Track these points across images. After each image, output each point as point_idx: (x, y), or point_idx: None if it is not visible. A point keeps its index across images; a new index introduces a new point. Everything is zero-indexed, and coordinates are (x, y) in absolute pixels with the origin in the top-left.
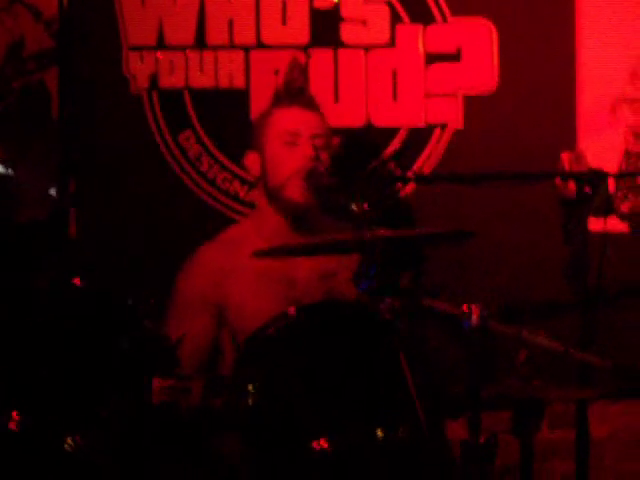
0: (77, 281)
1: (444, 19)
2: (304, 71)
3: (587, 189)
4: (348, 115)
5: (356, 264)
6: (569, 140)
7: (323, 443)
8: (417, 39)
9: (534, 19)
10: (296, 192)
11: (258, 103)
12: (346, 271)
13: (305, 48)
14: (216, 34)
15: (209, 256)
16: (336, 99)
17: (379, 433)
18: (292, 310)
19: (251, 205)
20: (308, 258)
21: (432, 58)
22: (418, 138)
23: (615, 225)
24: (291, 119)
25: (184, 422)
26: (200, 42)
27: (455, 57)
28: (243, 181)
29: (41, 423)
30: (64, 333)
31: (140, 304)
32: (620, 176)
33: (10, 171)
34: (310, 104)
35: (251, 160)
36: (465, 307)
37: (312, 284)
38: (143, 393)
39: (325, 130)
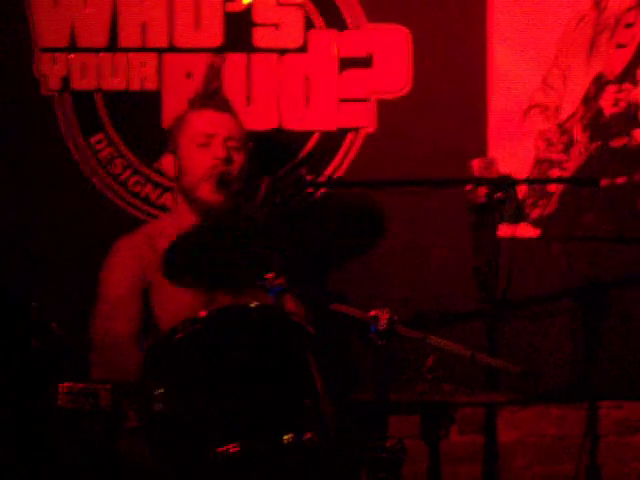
0: None
1: (358, 25)
2: (219, 74)
3: (497, 195)
4: (260, 118)
5: None
6: (480, 146)
7: (231, 447)
8: (331, 44)
9: (448, 26)
10: (207, 193)
11: (170, 106)
12: None
13: (218, 51)
14: (128, 37)
15: (128, 246)
16: (248, 102)
17: (287, 438)
18: (202, 314)
19: (163, 208)
20: None
21: (346, 63)
22: (331, 142)
23: (525, 231)
24: (205, 121)
25: (91, 426)
26: (112, 44)
27: (369, 62)
28: (156, 184)
29: None
30: None
31: (46, 307)
32: (530, 182)
33: None
34: (224, 106)
35: (167, 162)
36: (373, 312)
37: None
38: (48, 397)
39: (239, 132)
